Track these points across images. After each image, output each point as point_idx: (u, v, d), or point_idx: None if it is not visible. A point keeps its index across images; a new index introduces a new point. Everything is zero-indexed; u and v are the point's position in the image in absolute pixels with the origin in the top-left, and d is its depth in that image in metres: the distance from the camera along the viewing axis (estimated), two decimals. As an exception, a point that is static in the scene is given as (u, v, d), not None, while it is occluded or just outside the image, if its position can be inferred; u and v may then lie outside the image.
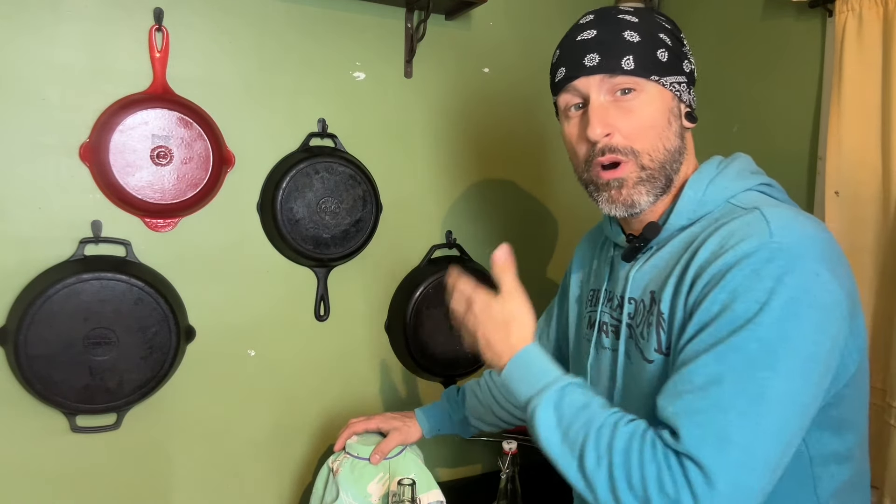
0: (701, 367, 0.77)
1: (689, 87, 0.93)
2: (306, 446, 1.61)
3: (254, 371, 1.54)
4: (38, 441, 1.34)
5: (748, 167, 0.95)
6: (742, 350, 0.76)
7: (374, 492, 1.19)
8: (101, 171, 1.34)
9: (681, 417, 0.76)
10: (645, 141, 0.89)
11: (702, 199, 0.90)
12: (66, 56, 1.33)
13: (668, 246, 0.92)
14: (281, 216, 1.48)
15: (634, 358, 0.94)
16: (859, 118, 1.36)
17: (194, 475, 1.49)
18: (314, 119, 1.56)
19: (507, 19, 1.78)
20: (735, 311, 0.77)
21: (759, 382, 0.74)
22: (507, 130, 1.81)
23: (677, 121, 0.92)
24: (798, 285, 0.76)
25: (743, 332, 0.76)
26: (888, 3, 1.32)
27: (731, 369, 0.75)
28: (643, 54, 0.88)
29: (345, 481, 1.20)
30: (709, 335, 0.79)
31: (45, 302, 1.26)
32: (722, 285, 0.79)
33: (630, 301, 0.95)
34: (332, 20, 1.57)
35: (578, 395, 0.84)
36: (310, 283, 1.59)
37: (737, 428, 0.73)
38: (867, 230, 1.35)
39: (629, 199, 0.91)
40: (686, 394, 0.77)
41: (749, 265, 0.78)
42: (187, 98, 1.42)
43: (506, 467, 1.40)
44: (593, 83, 0.90)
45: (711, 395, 0.75)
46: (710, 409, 0.75)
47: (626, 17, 0.91)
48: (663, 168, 0.91)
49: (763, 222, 0.81)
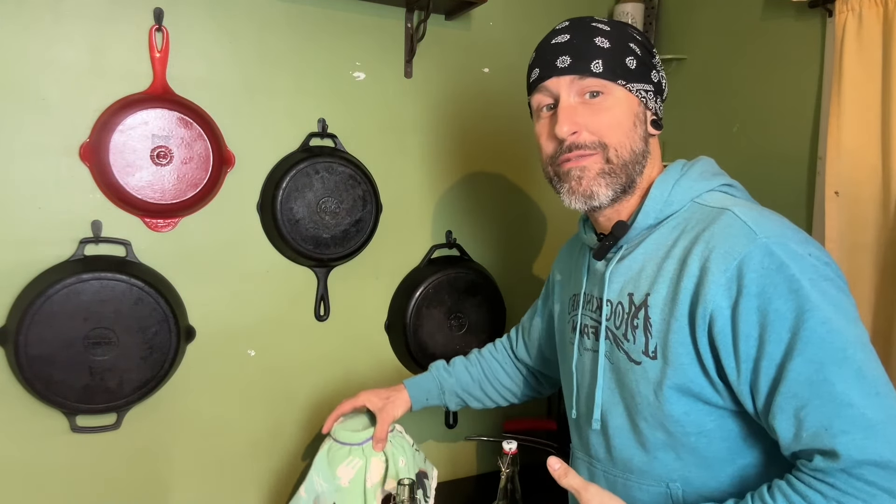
0: (796, 376, 0.78)
1: (655, 95, 0.97)
2: (306, 446, 1.61)
3: (254, 371, 1.54)
4: (38, 441, 1.34)
5: (710, 169, 0.98)
6: (817, 340, 0.78)
7: (344, 475, 1.18)
8: (101, 171, 1.34)
9: (823, 437, 0.76)
10: (613, 136, 0.93)
11: (668, 199, 0.94)
12: (66, 56, 1.33)
13: (641, 247, 0.95)
14: (281, 216, 1.48)
15: (616, 358, 0.96)
16: (859, 118, 1.36)
17: (194, 475, 1.49)
18: (314, 119, 1.56)
19: (507, 19, 1.79)
20: (778, 310, 0.79)
21: (852, 360, 0.77)
22: (507, 130, 1.81)
23: (642, 125, 0.96)
24: (807, 266, 0.80)
25: (805, 328, 0.78)
26: (888, 3, 1.32)
27: (823, 364, 0.77)
28: (612, 60, 0.93)
29: (319, 462, 1.21)
30: (774, 349, 0.80)
31: (45, 302, 1.26)
32: (744, 302, 0.81)
33: (608, 303, 0.98)
34: (332, 20, 1.57)
35: None
36: (310, 283, 1.59)
37: (871, 410, 0.75)
38: (867, 230, 1.35)
39: (588, 189, 0.94)
40: (803, 411, 0.78)
41: (755, 265, 0.81)
42: (187, 98, 1.42)
43: (506, 467, 1.40)
44: (563, 83, 0.94)
45: (827, 395, 0.77)
46: (838, 408, 0.76)
47: (599, 25, 0.96)
48: (626, 167, 0.94)
49: (739, 222, 0.85)
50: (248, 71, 1.49)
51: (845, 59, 1.37)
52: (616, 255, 0.98)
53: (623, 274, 0.96)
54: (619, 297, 0.96)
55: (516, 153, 1.83)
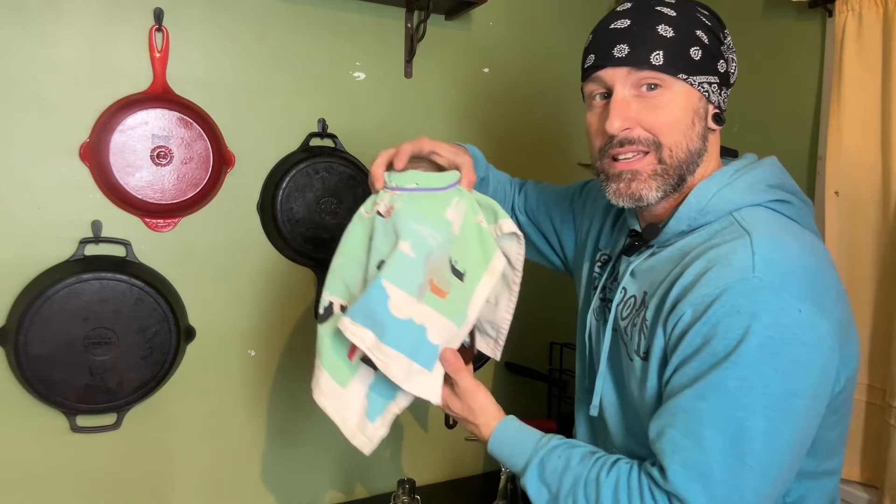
0: (684, 403, 0.80)
1: (720, 87, 0.90)
2: (306, 446, 1.61)
3: (254, 371, 1.54)
4: (38, 441, 1.34)
5: (766, 178, 0.91)
6: (721, 388, 0.77)
7: (455, 219, 0.96)
8: (101, 171, 1.34)
9: (667, 456, 0.79)
10: (669, 136, 0.87)
11: (704, 207, 0.88)
12: (66, 56, 1.33)
13: (666, 251, 0.91)
14: (281, 216, 1.48)
15: (618, 346, 0.96)
16: (859, 118, 1.36)
17: (194, 475, 1.49)
18: (314, 119, 1.56)
19: (507, 19, 1.78)
20: (714, 346, 0.78)
21: (739, 421, 0.76)
22: (506, 130, 1.81)
23: (701, 122, 0.89)
24: (776, 323, 0.76)
25: (722, 370, 0.77)
26: (888, 3, 1.32)
27: (711, 407, 0.77)
28: (674, 51, 0.86)
29: (413, 213, 0.94)
30: (691, 369, 0.80)
31: (45, 302, 1.26)
32: (704, 319, 0.79)
33: (623, 290, 0.96)
34: (332, 20, 1.57)
35: (556, 460, 0.89)
36: (310, 283, 1.59)
37: (719, 466, 0.76)
38: (867, 230, 1.35)
39: (637, 192, 0.89)
40: (670, 429, 0.80)
41: (729, 300, 0.78)
42: (187, 98, 1.42)
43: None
44: (619, 75, 0.87)
45: (694, 433, 0.78)
46: (692, 448, 0.78)
47: (664, 9, 0.88)
48: (680, 167, 0.89)
49: (748, 253, 0.80)
50: (248, 71, 1.49)
51: (845, 59, 1.37)
52: (646, 252, 0.95)
53: (646, 271, 0.93)
54: (635, 292, 0.93)
55: (517, 153, 1.83)
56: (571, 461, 0.87)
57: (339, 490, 1.65)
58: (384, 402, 0.97)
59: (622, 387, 0.96)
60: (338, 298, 0.98)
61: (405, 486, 1.30)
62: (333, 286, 0.99)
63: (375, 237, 0.95)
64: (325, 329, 0.98)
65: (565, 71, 1.87)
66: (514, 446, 0.93)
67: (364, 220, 0.98)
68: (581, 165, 1.93)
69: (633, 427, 0.94)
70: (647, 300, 0.90)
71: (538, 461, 0.89)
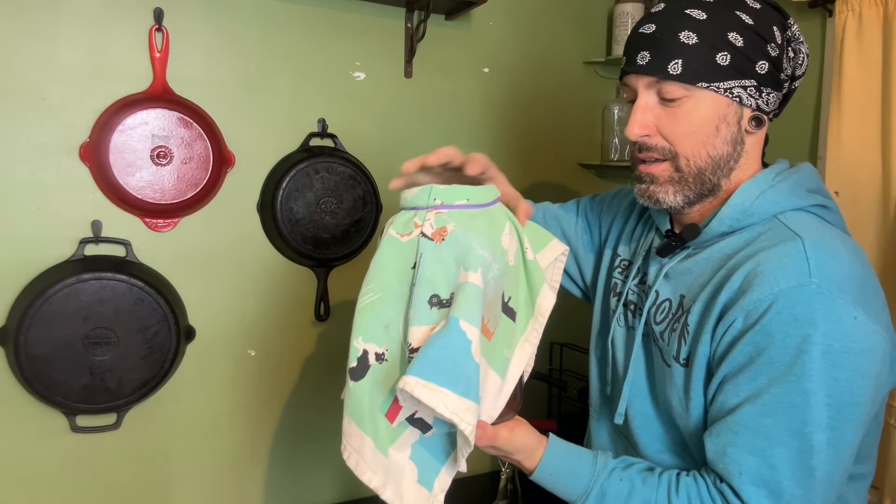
0: (747, 420, 0.79)
1: (760, 89, 0.87)
2: (306, 446, 1.61)
3: (254, 371, 1.54)
4: (38, 441, 1.34)
5: (806, 183, 0.90)
6: (786, 403, 0.77)
7: (509, 247, 0.85)
8: (101, 171, 1.34)
9: (735, 476, 0.79)
10: (685, 145, 0.87)
11: (748, 209, 0.87)
12: (66, 56, 1.33)
13: (706, 252, 0.89)
14: (281, 216, 1.48)
15: (653, 354, 0.94)
16: (859, 118, 1.36)
17: (194, 475, 1.49)
18: (314, 119, 1.56)
19: (507, 19, 1.78)
20: (771, 356, 0.77)
21: (808, 437, 0.76)
22: (507, 130, 1.81)
23: (731, 127, 0.87)
24: (835, 331, 0.76)
25: (786, 384, 0.77)
26: (888, 3, 1.32)
27: (776, 424, 0.77)
28: (696, 58, 0.84)
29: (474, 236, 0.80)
30: (747, 380, 0.79)
31: (45, 302, 1.26)
32: (758, 328, 0.78)
33: (656, 293, 0.94)
34: (332, 20, 1.57)
35: (618, 484, 0.86)
36: (310, 283, 1.59)
37: (790, 482, 0.76)
38: (867, 230, 1.35)
39: (655, 196, 0.90)
40: (733, 448, 0.79)
41: (786, 307, 0.77)
42: (187, 98, 1.42)
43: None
44: (642, 82, 0.88)
45: (761, 451, 0.77)
46: (762, 466, 0.77)
47: (694, 12, 0.85)
48: (701, 174, 0.88)
49: (802, 257, 0.78)
50: (248, 71, 1.49)
51: (845, 59, 1.37)
52: (681, 254, 0.93)
53: (682, 274, 0.91)
54: (670, 294, 0.91)
55: (517, 153, 1.83)
56: (635, 483, 0.85)
57: (339, 490, 1.65)
58: (437, 466, 0.82)
59: (655, 394, 0.94)
60: (373, 345, 0.80)
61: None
62: (368, 330, 0.80)
63: (424, 266, 0.79)
64: (364, 387, 0.79)
65: (565, 71, 1.87)
66: (565, 474, 0.88)
67: (400, 244, 0.82)
68: (581, 166, 1.93)
69: (668, 435, 0.93)
70: (685, 304, 0.88)
71: (599, 489, 0.86)
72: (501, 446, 0.85)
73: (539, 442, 0.88)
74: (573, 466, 0.88)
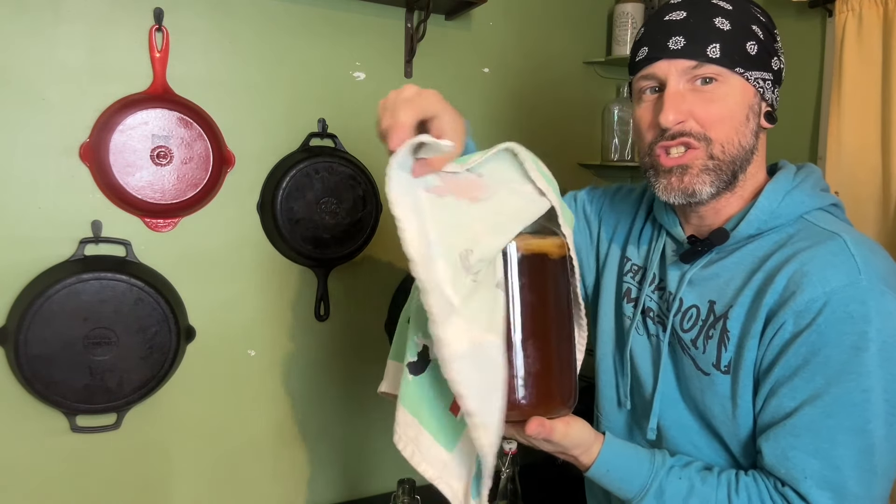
0: (807, 421, 0.78)
1: (773, 85, 0.88)
2: (306, 446, 1.61)
3: (254, 371, 1.54)
4: (38, 441, 1.34)
5: (820, 183, 0.90)
6: (847, 403, 0.76)
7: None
8: (101, 171, 1.34)
9: (800, 481, 0.77)
10: (720, 131, 0.84)
11: (776, 210, 0.86)
12: (66, 56, 1.33)
13: (733, 256, 0.87)
14: (281, 216, 1.48)
15: (682, 362, 0.91)
16: (859, 118, 1.36)
17: (194, 475, 1.49)
18: (314, 119, 1.56)
19: (507, 19, 1.78)
20: (828, 355, 0.76)
21: (869, 434, 0.76)
22: (506, 130, 1.81)
23: (755, 119, 0.87)
24: (888, 327, 0.76)
25: (845, 383, 0.76)
26: (888, 3, 1.32)
27: (838, 424, 0.76)
28: (732, 44, 0.83)
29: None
30: (804, 381, 0.78)
31: (45, 302, 1.26)
32: (813, 328, 0.77)
33: (680, 300, 0.91)
34: (332, 20, 1.57)
35: (677, 483, 0.84)
36: (310, 283, 1.59)
37: (854, 481, 0.76)
38: (867, 230, 1.35)
39: (690, 187, 0.85)
40: (795, 451, 0.78)
41: (840, 306, 0.76)
42: (187, 98, 1.42)
43: (506, 467, 1.40)
44: (674, 68, 0.84)
45: (824, 452, 0.77)
46: (825, 467, 0.77)
47: (720, 2, 0.86)
48: (733, 163, 0.85)
49: (848, 255, 0.78)
50: (248, 71, 1.49)
51: (845, 59, 1.37)
52: (702, 259, 0.90)
53: (708, 279, 0.88)
54: (697, 301, 0.89)
55: (516, 153, 1.83)
56: (694, 481, 0.83)
57: (339, 490, 1.65)
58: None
59: (689, 403, 0.91)
60: None
61: (405, 486, 1.30)
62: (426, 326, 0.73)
63: None
64: (424, 381, 0.79)
65: (565, 71, 1.87)
66: (623, 470, 0.86)
67: None
68: (581, 165, 1.93)
69: (706, 442, 0.91)
70: (717, 309, 0.86)
71: (657, 487, 0.84)
72: (558, 441, 0.82)
73: (595, 438, 0.86)
74: (631, 463, 0.86)
